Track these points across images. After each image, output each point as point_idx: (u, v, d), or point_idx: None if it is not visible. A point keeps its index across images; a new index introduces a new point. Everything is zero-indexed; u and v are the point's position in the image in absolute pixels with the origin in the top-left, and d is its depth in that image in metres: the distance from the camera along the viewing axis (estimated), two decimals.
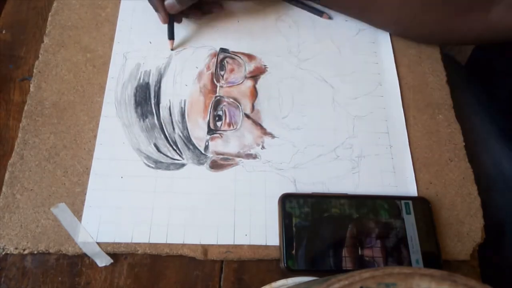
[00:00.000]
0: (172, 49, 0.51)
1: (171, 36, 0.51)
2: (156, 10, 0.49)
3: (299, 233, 0.41)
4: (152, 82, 0.49)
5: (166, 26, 0.51)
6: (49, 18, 0.51)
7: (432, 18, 0.50)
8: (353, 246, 0.41)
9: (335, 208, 0.43)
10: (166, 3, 0.48)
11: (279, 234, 0.42)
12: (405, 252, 0.42)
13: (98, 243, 0.40)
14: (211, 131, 0.47)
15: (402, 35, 0.55)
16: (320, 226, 0.42)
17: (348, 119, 0.50)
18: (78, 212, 0.42)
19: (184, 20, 0.53)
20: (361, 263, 0.41)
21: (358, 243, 0.42)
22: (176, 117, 0.47)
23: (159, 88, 0.49)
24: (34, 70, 0.48)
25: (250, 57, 0.52)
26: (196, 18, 0.53)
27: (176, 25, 0.52)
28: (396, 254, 0.42)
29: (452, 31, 0.51)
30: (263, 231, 0.43)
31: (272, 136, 0.48)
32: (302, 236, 0.41)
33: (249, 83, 0.50)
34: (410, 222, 0.43)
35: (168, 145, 0.46)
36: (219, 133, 0.47)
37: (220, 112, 0.48)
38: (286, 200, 0.43)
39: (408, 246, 0.42)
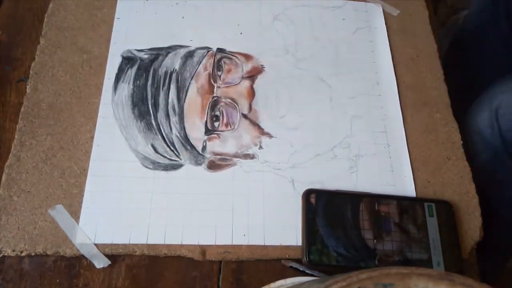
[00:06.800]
0: None
1: None
2: None
3: (321, 228, 0.42)
4: (149, 82, 0.49)
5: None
6: (45, 19, 0.51)
7: None
8: (372, 244, 0.42)
9: (358, 205, 0.43)
10: None
11: (301, 228, 0.42)
12: (426, 254, 0.42)
13: (96, 245, 0.40)
14: (208, 131, 0.47)
15: None
16: (342, 222, 0.42)
17: (346, 118, 0.50)
18: (75, 214, 0.41)
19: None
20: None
21: (379, 240, 0.42)
22: (174, 117, 0.47)
23: (156, 88, 0.48)
24: (31, 72, 0.48)
25: (247, 57, 0.52)
26: None
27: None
28: (417, 256, 0.42)
29: None
30: (261, 231, 0.43)
31: (270, 136, 0.48)
32: (324, 231, 0.42)
33: (246, 83, 0.50)
34: (432, 224, 0.43)
35: (166, 146, 0.46)
36: (217, 134, 0.47)
37: (217, 113, 0.48)
38: (310, 196, 0.43)
39: (430, 248, 0.42)
